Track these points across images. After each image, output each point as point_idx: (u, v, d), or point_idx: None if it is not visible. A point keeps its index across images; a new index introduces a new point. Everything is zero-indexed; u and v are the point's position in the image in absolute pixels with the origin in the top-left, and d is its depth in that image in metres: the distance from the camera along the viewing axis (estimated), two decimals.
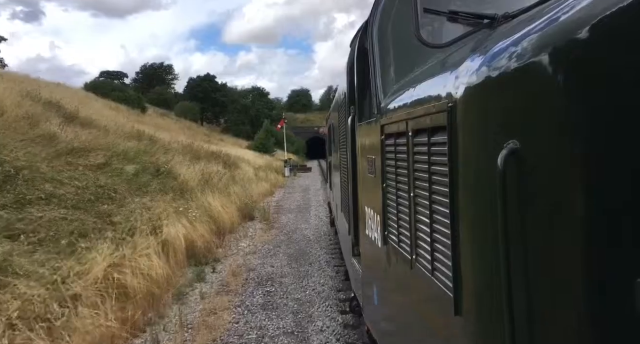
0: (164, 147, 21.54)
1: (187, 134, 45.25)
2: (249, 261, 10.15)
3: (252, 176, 25.85)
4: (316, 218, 15.92)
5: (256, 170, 29.37)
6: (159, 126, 42.58)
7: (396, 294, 2.73)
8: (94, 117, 21.63)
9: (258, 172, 28.54)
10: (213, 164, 22.50)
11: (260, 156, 43.07)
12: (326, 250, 10.91)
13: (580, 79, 1.10)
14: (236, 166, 26.72)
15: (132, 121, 36.52)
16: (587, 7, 1.11)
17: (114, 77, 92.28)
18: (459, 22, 2.51)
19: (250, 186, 21.03)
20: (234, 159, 29.93)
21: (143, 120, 42.66)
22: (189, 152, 24.27)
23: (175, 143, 25.65)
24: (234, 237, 12.73)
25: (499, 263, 1.28)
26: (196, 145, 28.89)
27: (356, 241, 4.45)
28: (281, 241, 12.33)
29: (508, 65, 1.32)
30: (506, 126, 1.34)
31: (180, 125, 57.59)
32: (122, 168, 14.09)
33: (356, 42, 4.19)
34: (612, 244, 1.07)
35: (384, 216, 2.85)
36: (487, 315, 1.47)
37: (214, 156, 27.10)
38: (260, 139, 52.03)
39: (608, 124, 1.07)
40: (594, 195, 1.09)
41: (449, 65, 1.94)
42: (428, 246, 1.98)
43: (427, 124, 1.93)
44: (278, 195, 23.44)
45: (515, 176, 1.26)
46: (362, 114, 3.95)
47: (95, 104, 37.44)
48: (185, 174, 16.02)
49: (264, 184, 24.39)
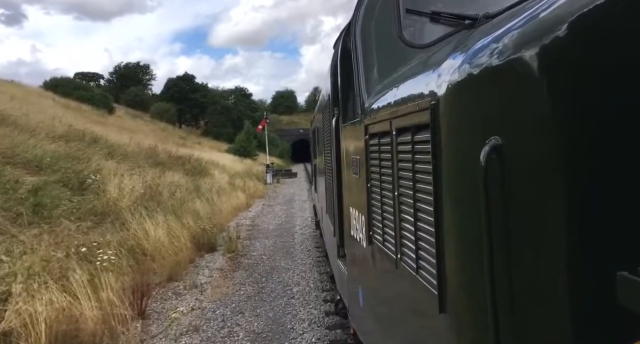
0: (109, 150, 17.14)
1: (159, 137, 41.21)
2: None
3: (226, 185, 21.63)
4: (303, 248, 11.17)
5: (232, 177, 25.16)
6: (125, 128, 38.44)
7: (382, 294, 2.73)
8: (17, 114, 17.16)
9: (234, 180, 24.36)
10: (175, 172, 18.21)
11: (240, 160, 38.75)
12: (322, 325, 6.17)
13: (559, 75, 1.12)
14: (206, 174, 22.38)
15: (91, 121, 32.27)
16: (566, 4, 1.14)
17: (89, 78, 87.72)
18: (441, 23, 2.55)
19: (220, 199, 16.83)
20: (207, 164, 25.57)
21: (106, 121, 38.59)
22: (149, 156, 19.84)
23: (135, 146, 21.29)
24: (173, 291, 7.89)
25: (482, 259, 1.28)
26: (161, 148, 24.37)
27: (341, 243, 4.37)
28: (247, 296, 7.66)
29: (489, 62, 1.34)
30: (488, 122, 1.34)
31: (154, 127, 53.65)
32: (17, 181, 9.67)
33: (339, 43, 4.21)
34: (594, 239, 1.08)
35: (368, 216, 2.84)
36: (471, 312, 1.47)
37: (181, 161, 22.63)
38: (240, 141, 47.28)
39: (588, 120, 1.08)
40: (575, 191, 1.10)
41: (432, 64, 1.94)
42: (412, 245, 1.98)
43: (411, 122, 1.94)
44: (255, 209, 19.16)
45: (498, 172, 1.26)
46: (346, 115, 3.93)
47: (47, 102, 32.97)
48: (122, 188, 11.62)
49: (239, 195, 20.15)
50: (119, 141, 21.91)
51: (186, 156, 25.16)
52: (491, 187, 1.26)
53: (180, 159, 23.30)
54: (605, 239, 1.07)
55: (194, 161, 24.66)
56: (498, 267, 1.26)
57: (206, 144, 55.93)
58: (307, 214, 16.89)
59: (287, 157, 67.29)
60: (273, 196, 24.28)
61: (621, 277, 1.01)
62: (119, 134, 27.15)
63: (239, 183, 24.01)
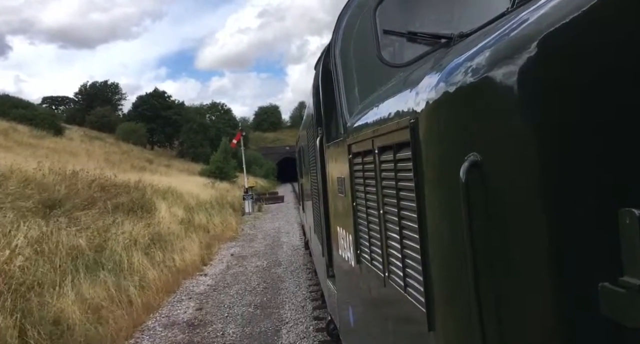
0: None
1: (114, 160, 33.65)
2: None
3: (176, 226, 14.07)
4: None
5: (191, 211, 17.58)
6: (67, 150, 30.87)
7: (371, 312, 2.71)
8: None
9: (194, 215, 16.88)
10: (89, 214, 11.07)
11: (211, 184, 31.00)
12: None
13: (530, 92, 1.15)
14: (147, 210, 14.72)
15: (15, 143, 25.09)
16: (535, 23, 1.18)
17: (58, 102, 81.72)
18: (418, 42, 2.70)
19: (145, 262, 9.28)
20: (158, 194, 17.90)
21: (39, 143, 30.86)
22: (47, 190, 12.45)
23: (42, 173, 13.96)
24: None
25: (468, 275, 1.28)
26: (98, 174, 16.87)
27: (330, 262, 4.36)
28: None
29: (464, 80, 1.36)
30: (466, 139, 1.36)
31: (115, 150, 46.50)
32: None
33: (320, 65, 4.23)
34: (576, 251, 1.10)
35: (355, 235, 2.84)
36: (459, 329, 1.47)
37: (110, 194, 15.09)
38: (215, 162, 40.09)
39: (561, 135, 1.11)
40: (554, 204, 1.12)
41: (410, 82, 1.98)
42: (400, 263, 1.97)
43: (392, 140, 1.95)
44: (215, 269, 11.49)
45: (478, 188, 1.27)
46: (329, 135, 3.95)
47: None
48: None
49: (193, 243, 12.62)
50: (20, 165, 14.37)
51: (133, 183, 17.67)
52: (472, 203, 1.27)
53: (113, 190, 15.75)
54: (585, 251, 1.09)
55: (136, 190, 17.09)
56: (483, 283, 1.26)
57: (177, 167, 49.06)
58: (307, 280, 9.49)
59: (272, 177, 61.19)
60: (250, 236, 16.71)
61: (603, 288, 1.04)
62: (33, 158, 19.52)
63: (200, 220, 16.53)
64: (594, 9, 1.07)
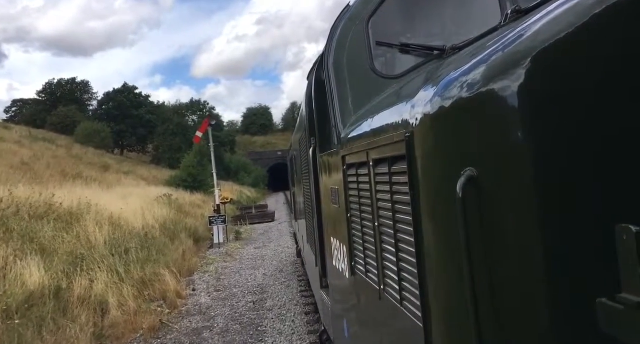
0: None
1: (42, 166, 28.90)
2: None
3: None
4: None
5: (76, 265, 8.83)
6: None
7: (366, 325, 2.70)
8: None
9: (78, 276, 8.38)
10: None
11: (166, 201, 20.58)
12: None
13: (526, 107, 1.16)
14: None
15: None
16: (529, 38, 1.20)
17: (25, 104, 74.18)
18: (411, 54, 2.69)
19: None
20: (44, 223, 10.96)
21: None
22: None
23: None
24: None
25: (465, 290, 1.29)
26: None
27: (324, 273, 4.37)
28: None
29: (460, 94, 1.37)
30: (462, 154, 1.37)
31: (61, 153, 38.36)
32: None
33: (313, 75, 4.27)
34: (573, 267, 1.11)
35: (350, 246, 2.83)
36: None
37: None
38: (186, 168, 31.67)
39: (558, 150, 1.12)
40: (550, 220, 1.12)
41: (405, 95, 1.98)
42: (396, 276, 1.97)
43: (387, 153, 1.96)
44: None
45: (474, 203, 1.28)
46: (323, 146, 3.96)
47: None
48: None
49: None
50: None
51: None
52: (469, 217, 1.28)
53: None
54: (583, 267, 1.10)
55: None
56: (481, 297, 1.26)
57: (140, 174, 41.32)
58: None
59: (263, 186, 54.36)
60: (201, 315, 8.26)
61: (600, 304, 1.05)
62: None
63: (81, 289, 7.95)
64: (587, 25, 1.08)
